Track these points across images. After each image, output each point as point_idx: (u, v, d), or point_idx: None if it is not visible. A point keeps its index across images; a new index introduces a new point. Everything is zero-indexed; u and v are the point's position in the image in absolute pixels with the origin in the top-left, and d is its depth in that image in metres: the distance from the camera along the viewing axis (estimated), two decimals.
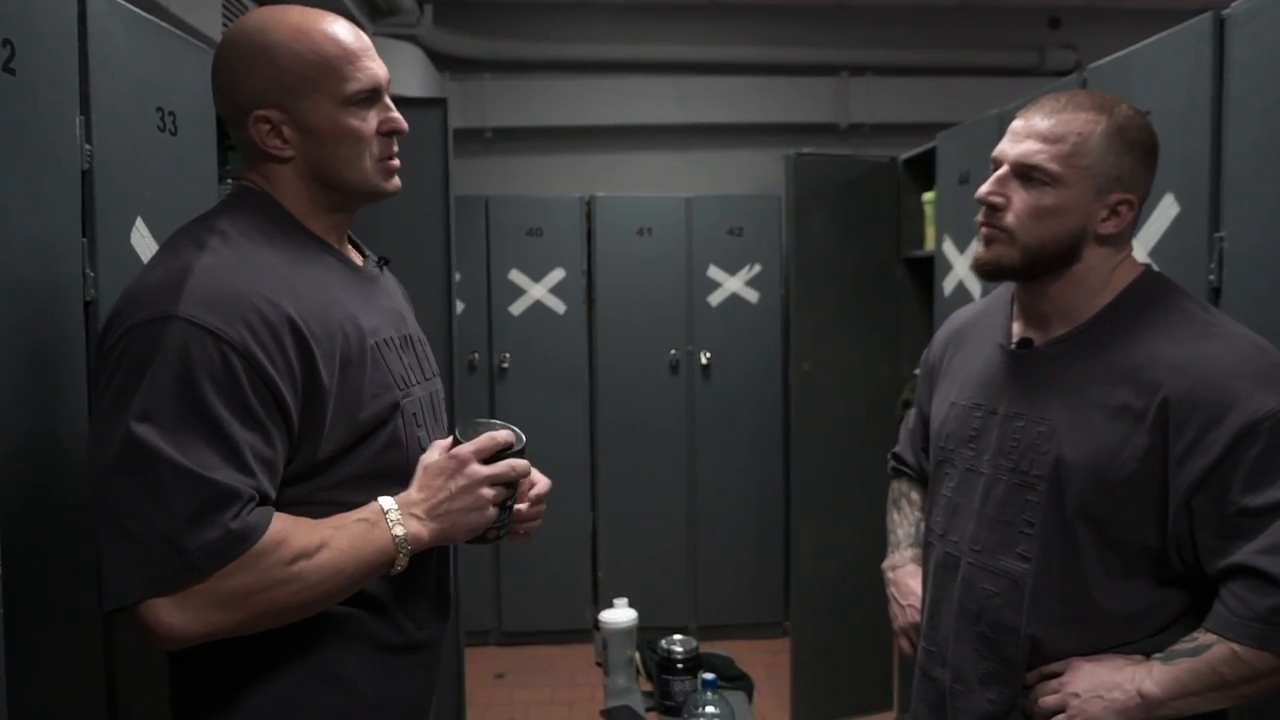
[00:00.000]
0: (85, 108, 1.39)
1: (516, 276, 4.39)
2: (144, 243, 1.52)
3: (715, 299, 4.46)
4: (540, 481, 1.42)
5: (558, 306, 4.42)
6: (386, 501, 1.18)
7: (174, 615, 1.04)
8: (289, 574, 1.08)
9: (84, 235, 1.40)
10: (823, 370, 3.40)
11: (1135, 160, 1.34)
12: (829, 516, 3.45)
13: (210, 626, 1.06)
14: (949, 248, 2.80)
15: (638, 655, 2.62)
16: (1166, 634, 1.31)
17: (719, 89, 4.86)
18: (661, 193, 4.60)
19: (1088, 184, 1.32)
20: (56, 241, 1.35)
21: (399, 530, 1.16)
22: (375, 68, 1.24)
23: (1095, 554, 1.32)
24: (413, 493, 1.20)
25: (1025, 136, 1.35)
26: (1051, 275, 1.37)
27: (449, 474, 1.20)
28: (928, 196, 3.20)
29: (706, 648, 2.51)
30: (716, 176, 4.94)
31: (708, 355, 4.45)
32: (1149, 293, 1.37)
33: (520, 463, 1.26)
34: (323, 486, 1.18)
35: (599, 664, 2.64)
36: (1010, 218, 1.35)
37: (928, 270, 3.29)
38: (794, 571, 3.54)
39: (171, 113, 1.61)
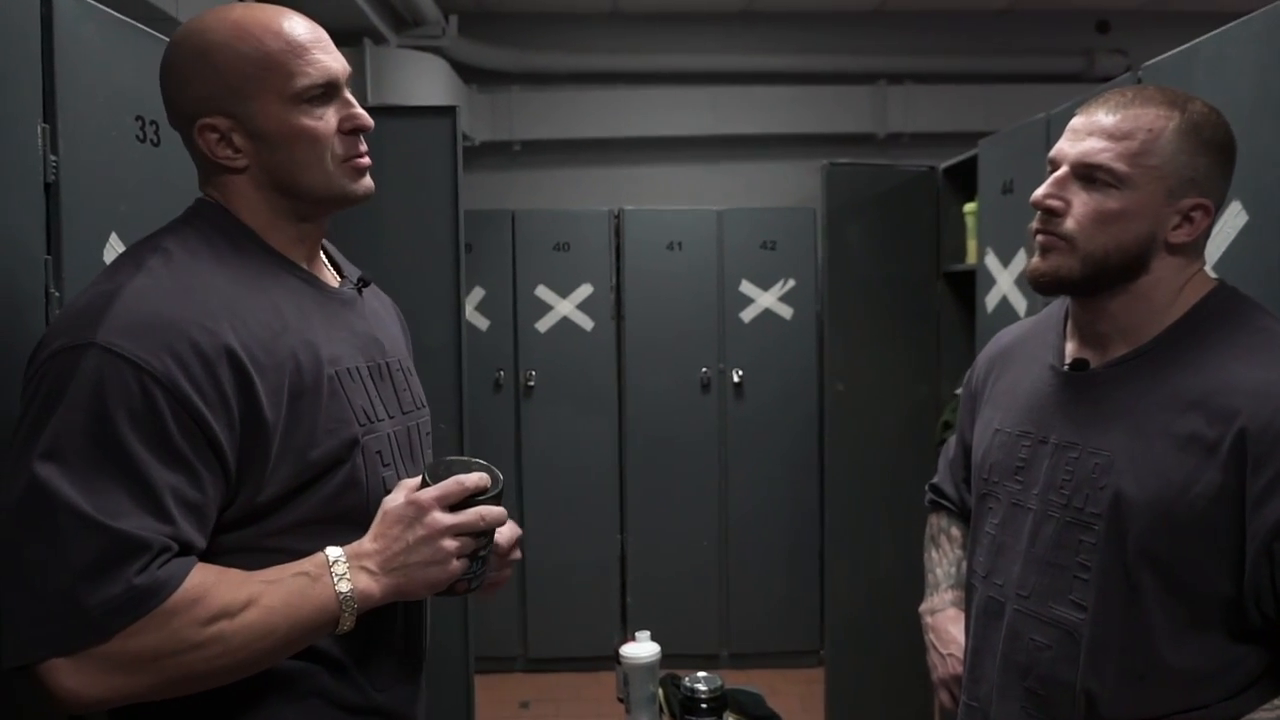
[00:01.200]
0: (50, 115, 1.30)
1: (543, 292, 4.28)
2: None
3: (747, 315, 4.32)
4: (506, 532, 1.25)
5: (585, 323, 4.30)
6: (334, 551, 1.05)
7: (72, 678, 0.93)
8: (206, 636, 0.96)
9: (48, 252, 1.30)
10: (859, 390, 3.25)
11: (1211, 161, 1.19)
12: (864, 543, 3.30)
13: (113, 692, 0.95)
14: (992, 261, 2.64)
15: (661, 691, 2.49)
16: (1242, 699, 1.16)
17: (752, 99, 4.73)
18: (692, 206, 4.48)
19: (1158, 186, 1.18)
20: (17, 258, 1.25)
21: (344, 586, 1.03)
22: (328, 60, 1.12)
23: (1160, 603, 1.17)
24: (366, 542, 1.07)
25: (1088, 134, 1.21)
26: (1114, 289, 1.23)
27: (407, 523, 1.07)
28: (969, 207, 3.05)
29: (738, 678, 2.37)
30: (749, 189, 4.81)
31: (740, 373, 4.31)
32: (1224, 310, 1.21)
33: (491, 510, 1.11)
34: (269, 532, 1.06)
35: (620, 700, 2.51)
36: (1070, 223, 1.21)
37: (969, 285, 3.13)
38: (829, 600, 3.38)
39: (154, 122, 1.51)
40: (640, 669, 2.40)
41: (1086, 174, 1.20)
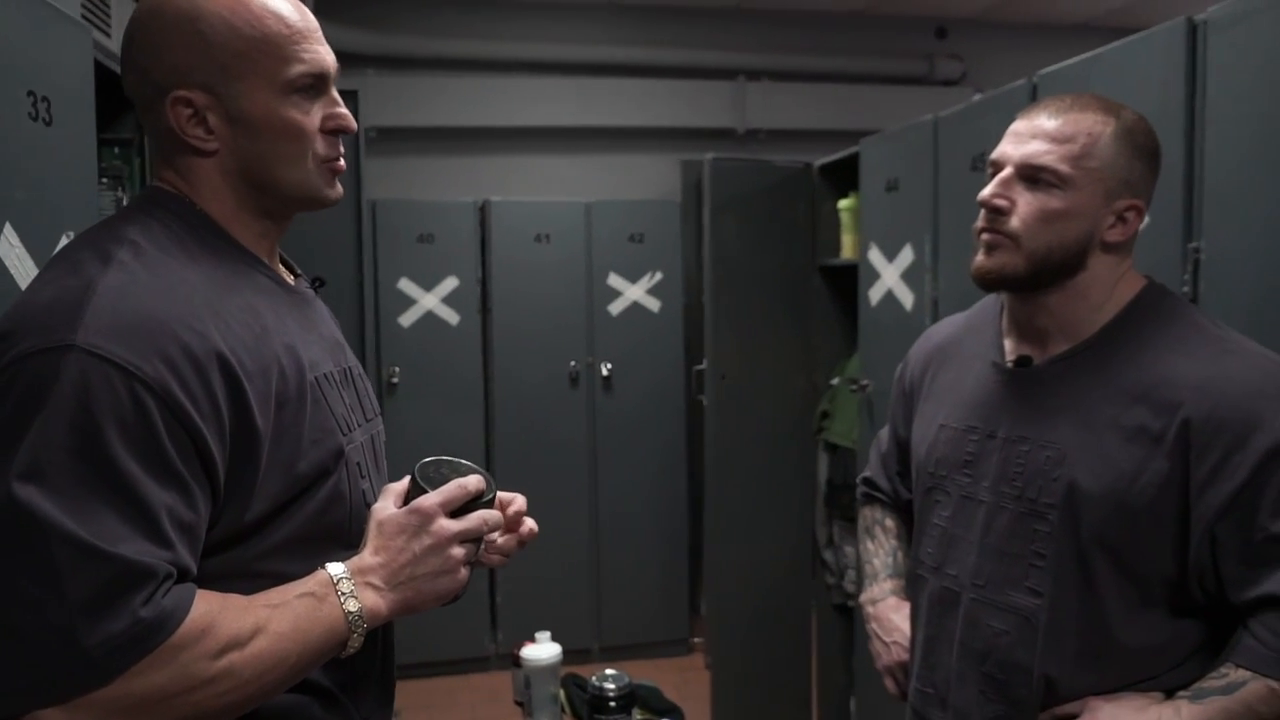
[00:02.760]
0: None
1: (406, 286, 4.13)
2: (14, 253, 1.26)
3: (616, 308, 4.32)
4: (518, 499, 1.23)
5: (451, 317, 4.18)
6: (336, 569, 0.98)
7: None
8: (216, 670, 0.87)
9: None
10: (737, 381, 3.30)
11: (1143, 165, 1.28)
12: (745, 531, 3.36)
13: None
14: (875, 256, 2.74)
15: (562, 692, 2.46)
16: (1184, 668, 1.24)
17: (616, 91, 4.72)
18: (557, 197, 4.43)
19: (1098, 187, 1.25)
20: None
21: (352, 605, 0.96)
22: (324, 52, 1.05)
23: (1113, 585, 1.24)
24: (367, 556, 1.00)
25: (1031, 137, 1.27)
26: (1053, 286, 1.29)
27: (411, 532, 1.00)
28: (844, 203, 3.14)
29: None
30: (613, 181, 4.80)
31: (609, 366, 4.30)
32: (1156, 307, 1.30)
33: (493, 514, 1.07)
34: (253, 555, 0.97)
35: (519, 703, 2.46)
36: (1015, 222, 1.27)
37: (844, 278, 3.23)
38: (712, 589, 3.43)
39: (45, 98, 1.35)
40: (542, 670, 2.36)
41: (1031, 175, 1.26)
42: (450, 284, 4.17)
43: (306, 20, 1.04)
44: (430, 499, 1.02)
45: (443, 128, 4.58)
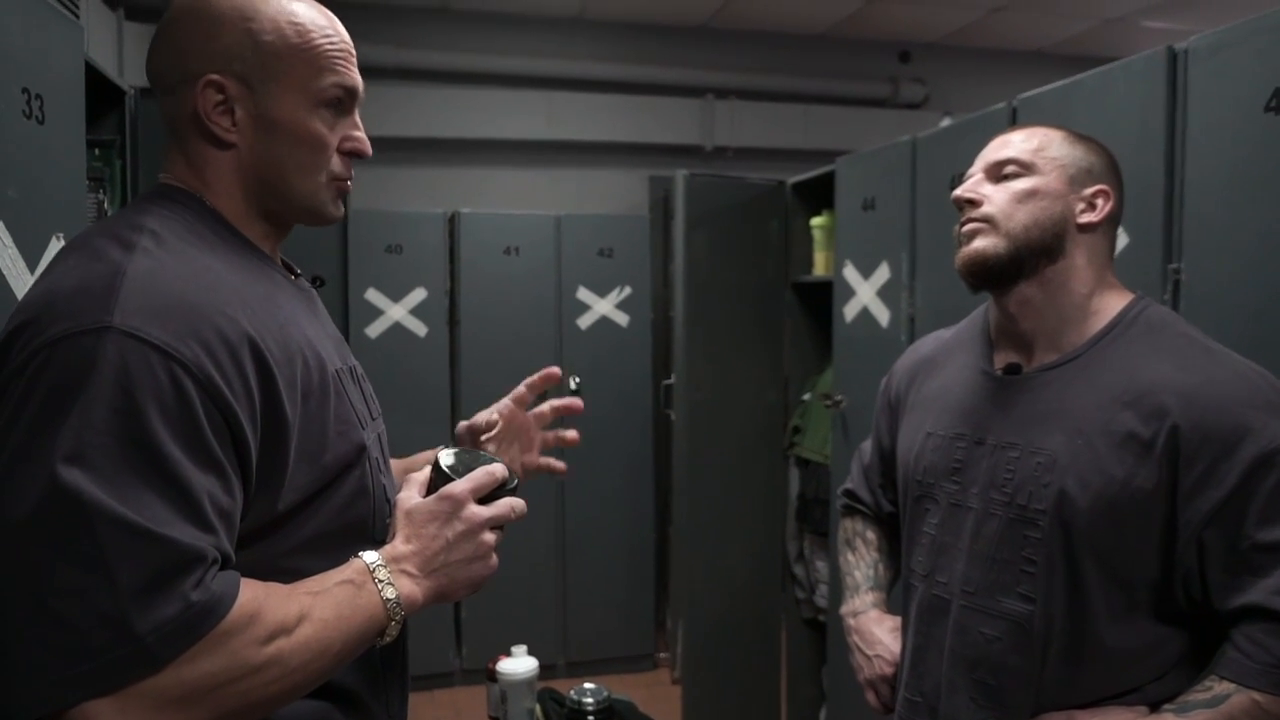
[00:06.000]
0: None
1: (374, 296, 4.08)
2: (7, 254, 1.23)
3: (585, 321, 4.31)
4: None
5: (418, 329, 4.14)
6: (370, 556, 0.97)
7: None
8: (265, 657, 0.85)
9: None
10: (708, 396, 3.32)
11: (1100, 159, 1.36)
12: (716, 546, 3.37)
13: None
14: (851, 273, 2.77)
15: (538, 707, 2.45)
16: (1169, 679, 1.26)
17: (585, 105, 4.74)
18: (527, 210, 4.42)
19: (1061, 173, 1.33)
20: None
21: (389, 592, 0.95)
22: (355, 73, 1.07)
23: (1101, 590, 1.25)
24: (399, 544, 0.99)
25: (995, 150, 1.38)
26: (1035, 274, 1.33)
27: (443, 519, 1.00)
28: (817, 221, 3.18)
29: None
30: (581, 195, 4.81)
31: (577, 380, 4.28)
32: (1146, 319, 1.33)
33: (519, 502, 1.07)
34: (281, 551, 0.96)
35: (494, 718, 2.45)
36: (991, 207, 1.34)
37: (816, 295, 3.27)
38: (682, 603, 3.42)
39: (39, 95, 1.32)
40: (519, 685, 2.36)
41: (997, 170, 1.35)
42: (418, 295, 4.13)
43: (346, 41, 1.07)
44: (461, 485, 1.02)
45: (412, 138, 4.56)
